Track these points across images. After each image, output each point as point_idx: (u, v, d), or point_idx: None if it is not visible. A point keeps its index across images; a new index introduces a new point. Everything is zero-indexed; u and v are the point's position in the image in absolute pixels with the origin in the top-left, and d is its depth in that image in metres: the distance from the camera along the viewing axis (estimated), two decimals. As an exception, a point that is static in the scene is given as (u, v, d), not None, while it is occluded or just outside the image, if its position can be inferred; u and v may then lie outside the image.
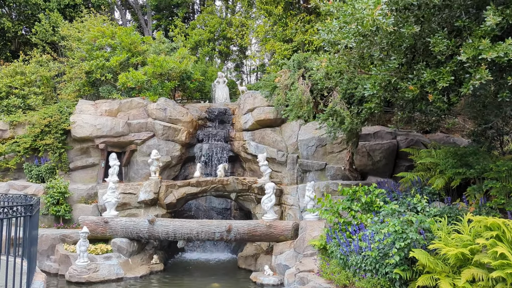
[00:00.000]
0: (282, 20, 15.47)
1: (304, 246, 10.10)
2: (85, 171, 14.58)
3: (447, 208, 8.50)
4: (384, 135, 12.62)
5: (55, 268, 11.47)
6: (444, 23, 6.92)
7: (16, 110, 15.19)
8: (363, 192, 9.15)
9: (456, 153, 9.23)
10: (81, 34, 17.13)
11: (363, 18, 6.29)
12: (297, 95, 10.42)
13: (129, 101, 14.83)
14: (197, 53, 21.58)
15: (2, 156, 14.18)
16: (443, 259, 6.83)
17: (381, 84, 7.23)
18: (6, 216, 5.43)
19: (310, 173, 13.25)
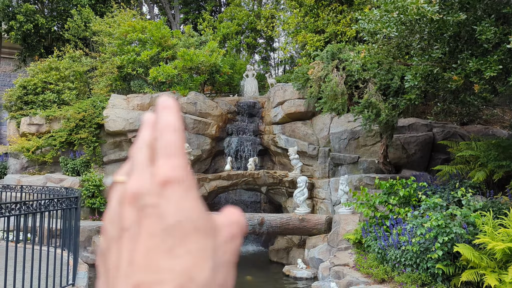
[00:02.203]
0: (313, 10, 15.26)
1: (338, 240, 10.00)
2: (119, 164, 14.83)
3: (489, 202, 8.25)
4: (419, 127, 12.33)
5: (92, 259, 11.74)
6: (491, 10, 6.66)
7: (51, 105, 15.56)
8: (400, 185, 8.98)
9: (499, 145, 8.93)
10: (112, 29, 17.37)
11: (406, 6, 6.11)
12: (331, 87, 10.28)
13: (160, 95, 14.96)
14: (224, 46, 21.58)
15: (39, 150, 14.57)
16: (489, 254, 6.63)
17: (422, 75, 7.03)
18: (54, 208, 5.56)
19: (342, 166, 13.10)
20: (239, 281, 10.20)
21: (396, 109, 9.22)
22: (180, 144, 0.44)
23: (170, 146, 0.43)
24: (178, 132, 0.44)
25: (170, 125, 0.44)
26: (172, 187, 0.41)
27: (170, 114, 0.46)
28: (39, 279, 5.38)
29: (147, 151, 0.44)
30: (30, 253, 5.48)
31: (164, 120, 0.45)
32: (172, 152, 0.43)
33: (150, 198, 0.41)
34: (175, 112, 0.46)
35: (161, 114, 0.46)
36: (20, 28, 18.92)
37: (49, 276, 5.70)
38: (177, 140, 0.44)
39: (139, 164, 0.44)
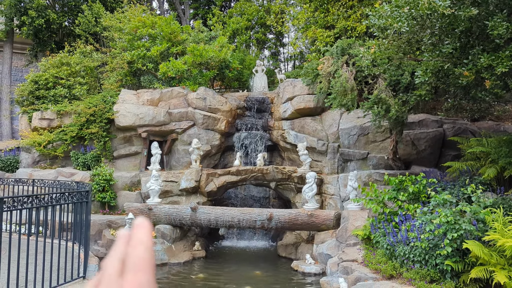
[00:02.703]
0: (323, 6, 15.18)
1: (346, 236, 10.00)
2: (128, 159, 14.96)
3: (500, 198, 8.17)
4: (429, 123, 12.25)
5: (102, 253, 11.88)
6: (503, 4, 6.58)
7: (62, 100, 15.72)
8: (410, 181, 8.93)
9: (510, 141, 8.84)
10: (122, 25, 17.47)
11: (417, 1, 6.06)
12: (341, 82, 10.24)
13: (170, 91, 15.04)
14: (234, 42, 21.58)
15: (50, 144, 14.74)
16: (498, 251, 6.59)
17: (433, 71, 6.97)
18: (65, 202, 5.65)
19: (351, 162, 13.06)
20: (248, 276, 10.26)
21: (406, 105, 9.16)
22: (149, 261, 0.48)
23: (139, 261, 0.48)
24: (149, 249, 0.49)
25: (142, 242, 0.49)
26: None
27: (143, 233, 0.51)
28: (51, 271, 5.48)
29: (118, 264, 0.49)
30: (41, 246, 5.57)
31: (137, 237, 0.50)
32: (140, 268, 0.47)
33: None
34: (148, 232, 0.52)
35: (136, 231, 0.51)
36: (31, 23, 19.10)
37: (61, 268, 5.80)
38: (147, 257, 0.48)
39: (109, 275, 0.48)
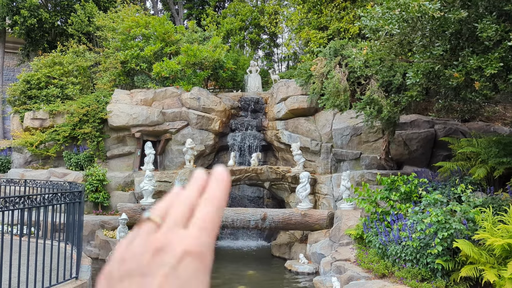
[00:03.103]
0: (316, 7, 15.26)
1: (339, 235, 10.07)
2: (122, 159, 14.94)
3: (489, 198, 8.29)
4: (421, 123, 12.36)
5: (95, 253, 11.86)
6: (492, 7, 6.67)
7: (55, 100, 15.66)
8: (402, 181, 9.02)
9: (500, 142, 8.95)
10: (116, 24, 17.43)
11: (407, 3, 6.13)
12: (334, 83, 10.31)
13: (164, 91, 15.04)
14: (228, 42, 21.61)
15: (43, 144, 14.68)
16: (488, 250, 6.68)
17: (424, 72, 7.06)
18: (58, 202, 5.65)
19: (344, 162, 13.14)
20: (241, 275, 10.30)
21: (398, 105, 9.25)
22: (217, 223, 0.48)
23: (207, 219, 0.47)
24: (220, 210, 0.49)
25: (215, 199, 0.49)
26: (192, 259, 0.45)
27: (220, 189, 0.50)
28: (43, 272, 5.48)
29: (186, 210, 0.48)
30: (34, 247, 5.57)
31: (212, 192, 0.49)
32: (206, 227, 0.47)
33: (171, 259, 0.45)
34: (225, 189, 0.50)
35: (213, 185, 0.50)
36: (24, 22, 18.99)
37: (53, 269, 5.80)
38: (215, 217, 0.48)
39: (174, 218, 0.48)
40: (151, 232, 0.48)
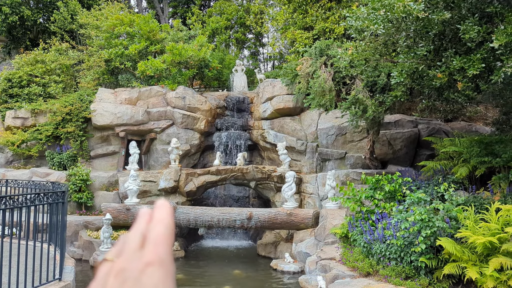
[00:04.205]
0: (302, 7, 15.31)
1: (325, 234, 10.13)
2: (106, 159, 14.77)
3: (471, 197, 8.44)
4: (405, 123, 12.51)
5: (79, 254, 11.70)
6: (475, 9, 6.79)
7: (37, 98, 15.39)
8: (386, 180, 9.12)
9: (482, 141, 9.12)
10: (100, 22, 17.21)
11: (392, 4, 6.20)
12: (319, 83, 10.37)
13: (148, 90, 14.91)
14: (213, 41, 21.54)
15: (25, 143, 14.42)
16: (470, 248, 6.80)
17: (408, 72, 7.14)
18: (40, 202, 5.55)
19: (329, 161, 13.23)
20: (227, 275, 10.28)
21: (382, 105, 9.35)
22: (168, 238, 0.53)
23: (159, 237, 0.52)
24: (168, 228, 0.54)
25: (163, 220, 0.54)
26: (154, 268, 0.49)
27: (164, 212, 0.56)
28: (26, 274, 5.38)
29: (139, 238, 0.53)
30: (16, 248, 5.46)
31: (159, 216, 0.55)
32: (161, 242, 0.52)
33: (134, 273, 0.48)
34: (168, 211, 0.56)
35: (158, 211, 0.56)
36: (5, 20, 18.62)
37: (36, 271, 5.70)
38: (166, 234, 0.53)
39: (130, 248, 0.52)
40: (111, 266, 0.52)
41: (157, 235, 0.52)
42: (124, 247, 0.53)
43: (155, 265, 0.49)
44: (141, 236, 0.53)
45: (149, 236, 0.53)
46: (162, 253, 0.50)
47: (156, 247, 0.51)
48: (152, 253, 0.50)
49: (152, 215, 0.57)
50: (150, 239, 0.52)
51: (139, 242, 0.53)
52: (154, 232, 0.53)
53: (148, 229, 0.54)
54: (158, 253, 0.50)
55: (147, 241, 0.52)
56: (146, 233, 0.54)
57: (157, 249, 0.51)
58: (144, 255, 0.50)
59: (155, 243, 0.51)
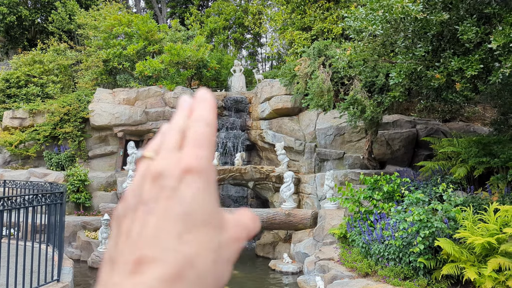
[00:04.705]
0: (300, 7, 15.32)
1: (323, 235, 10.13)
2: (104, 159, 14.74)
3: (470, 197, 8.45)
4: (403, 123, 12.53)
5: (77, 254, 11.68)
6: (473, 10, 6.80)
7: (35, 99, 15.36)
8: (384, 181, 9.12)
9: (480, 142, 9.14)
10: (98, 23, 17.18)
11: (391, 5, 6.20)
12: (317, 83, 10.37)
13: (147, 90, 14.89)
14: (212, 41, 21.52)
15: (22, 144, 14.38)
16: (468, 248, 6.81)
17: (406, 73, 7.15)
18: (38, 203, 5.53)
19: (328, 162, 13.23)
20: (225, 275, 10.27)
21: (381, 106, 9.36)
22: (210, 138, 0.46)
23: (200, 137, 0.45)
24: (211, 127, 0.47)
25: (204, 118, 0.47)
26: (193, 176, 0.43)
27: (207, 108, 0.48)
28: (24, 275, 5.36)
29: (178, 135, 0.46)
30: (14, 249, 5.44)
31: (199, 112, 0.47)
32: (200, 143, 0.45)
33: (171, 181, 0.43)
34: (211, 107, 0.49)
35: (198, 105, 0.48)
36: (3, 20, 18.57)
37: (34, 271, 5.68)
38: (208, 134, 0.46)
39: (168, 146, 0.46)
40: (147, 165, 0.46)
41: (196, 136, 0.45)
42: (162, 143, 0.47)
43: (194, 172, 0.43)
44: (180, 133, 0.47)
45: (188, 136, 0.46)
46: (201, 157, 0.44)
47: (195, 150, 0.44)
48: (191, 157, 0.44)
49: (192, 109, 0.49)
50: (189, 140, 0.45)
51: (177, 140, 0.46)
52: (193, 131, 0.46)
53: (187, 125, 0.47)
54: (197, 157, 0.44)
55: (186, 141, 0.45)
56: (185, 130, 0.47)
57: (196, 153, 0.44)
58: (182, 159, 0.44)
59: (194, 145, 0.45)
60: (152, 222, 0.41)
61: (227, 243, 0.44)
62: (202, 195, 0.43)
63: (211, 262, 0.41)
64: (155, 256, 0.40)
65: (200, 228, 0.42)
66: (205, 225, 0.42)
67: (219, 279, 0.42)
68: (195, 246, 0.41)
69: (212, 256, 0.42)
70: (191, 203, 0.42)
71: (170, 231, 0.41)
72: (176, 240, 0.40)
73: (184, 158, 0.44)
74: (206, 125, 0.46)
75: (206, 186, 0.43)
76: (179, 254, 0.40)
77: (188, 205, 0.42)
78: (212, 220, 0.43)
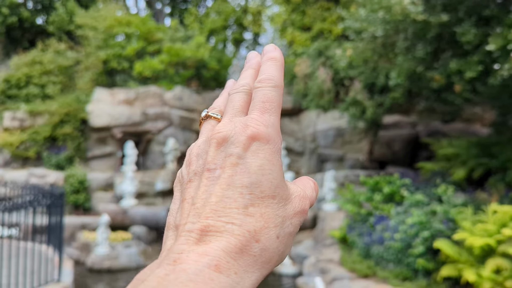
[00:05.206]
0: (300, 8, 15.34)
1: (323, 236, 10.14)
2: (103, 160, 14.74)
3: (469, 198, 8.46)
4: (403, 125, 12.54)
5: (76, 255, 11.65)
6: (472, 12, 6.82)
7: (35, 100, 15.36)
8: (385, 182, 9.13)
9: (479, 143, 9.16)
10: (97, 23, 17.18)
11: (390, 6, 6.22)
12: (318, 84, 10.39)
13: (146, 91, 14.89)
14: (211, 41, 21.52)
15: (23, 145, 14.38)
16: (467, 250, 6.82)
17: (406, 74, 7.17)
18: (39, 204, 5.54)
19: (328, 163, 13.24)
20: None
21: (381, 107, 9.38)
22: (278, 102, 0.44)
23: (268, 101, 0.43)
24: (279, 89, 0.45)
25: (272, 79, 0.44)
26: (260, 143, 0.41)
27: (275, 68, 0.46)
28: (25, 275, 5.37)
29: (244, 97, 0.45)
30: (14, 250, 5.45)
31: (268, 72, 0.45)
32: (268, 108, 0.43)
33: (238, 148, 0.41)
34: (280, 67, 0.46)
35: (266, 64, 0.46)
36: (4, 21, 18.56)
37: (34, 272, 5.69)
38: (276, 97, 0.44)
39: (234, 108, 0.44)
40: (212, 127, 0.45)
41: (263, 99, 0.43)
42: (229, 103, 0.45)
43: (261, 139, 0.41)
44: (247, 95, 0.45)
45: (255, 98, 0.44)
46: (269, 124, 0.42)
47: (262, 115, 0.42)
48: (258, 123, 0.41)
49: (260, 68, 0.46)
50: (256, 103, 0.43)
51: (244, 102, 0.44)
52: (261, 94, 0.43)
53: (255, 86, 0.44)
54: (264, 123, 0.41)
55: (253, 104, 0.43)
56: (253, 91, 0.44)
57: (264, 119, 0.42)
58: (249, 125, 0.41)
59: (262, 109, 0.42)
60: (217, 191, 0.40)
61: (291, 217, 0.42)
62: (268, 165, 0.41)
63: (275, 237, 0.40)
64: (220, 227, 0.39)
65: (265, 201, 0.40)
66: (271, 197, 0.41)
67: (282, 253, 0.41)
68: (260, 220, 0.40)
69: (276, 230, 0.41)
70: (257, 173, 0.40)
71: (235, 202, 0.40)
72: (242, 212, 0.39)
73: (251, 124, 0.42)
74: (274, 87, 0.44)
75: (273, 155, 0.42)
76: (244, 227, 0.39)
77: (255, 175, 0.40)
78: (278, 193, 0.41)
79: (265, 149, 0.41)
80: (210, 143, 0.43)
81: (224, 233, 0.38)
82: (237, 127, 0.42)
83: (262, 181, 0.41)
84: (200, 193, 0.41)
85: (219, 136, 0.42)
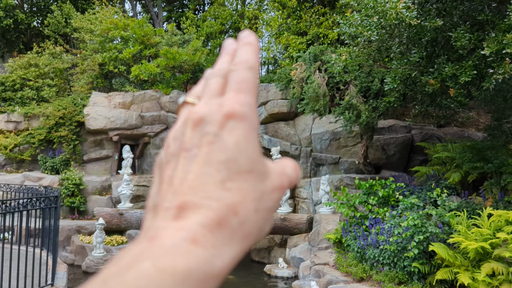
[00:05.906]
0: (296, 12, 15.40)
1: (318, 240, 10.14)
2: (99, 163, 14.70)
3: (464, 202, 8.50)
4: (398, 128, 12.59)
5: (71, 259, 11.61)
6: (466, 16, 6.87)
7: (30, 102, 15.31)
8: (380, 186, 9.16)
9: (474, 147, 9.20)
10: (94, 26, 17.18)
11: (385, 11, 6.26)
12: (313, 88, 10.42)
13: (142, 94, 14.89)
14: (208, 45, 21.56)
15: (17, 147, 14.32)
16: (462, 253, 6.84)
17: (401, 78, 7.21)
18: (33, 207, 5.52)
19: (323, 166, 13.26)
20: (220, 280, 10.24)
21: (376, 111, 9.41)
22: (254, 83, 0.45)
23: (243, 82, 0.44)
24: (254, 71, 0.45)
25: (247, 61, 0.46)
26: (236, 121, 0.42)
27: (250, 52, 0.47)
28: (18, 279, 5.33)
29: (220, 80, 0.45)
30: (8, 253, 5.42)
31: (243, 56, 0.46)
32: (243, 88, 0.43)
33: (213, 127, 0.42)
34: (255, 50, 0.47)
35: (241, 49, 0.47)
36: (-1, 23, 18.54)
37: (28, 276, 5.66)
38: (251, 78, 0.45)
39: (210, 91, 0.45)
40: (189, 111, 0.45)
41: (239, 80, 0.44)
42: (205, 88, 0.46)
43: (237, 117, 0.42)
44: (223, 78, 0.45)
45: (231, 80, 0.45)
46: (244, 103, 0.42)
47: (238, 95, 0.43)
48: (233, 102, 0.42)
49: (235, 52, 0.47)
50: (232, 84, 0.44)
51: (220, 85, 0.45)
52: (236, 76, 0.45)
53: (230, 70, 0.46)
54: (240, 102, 0.42)
55: (228, 86, 0.44)
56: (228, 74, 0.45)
57: (239, 98, 0.43)
58: (225, 104, 0.42)
59: (237, 89, 0.43)
60: (195, 169, 0.41)
61: (270, 192, 0.43)
62: (245, 141, 0.42)
63: (253, 210, 0.41)
64: (197, 202, 0.39)
65: (242, 176, 0.41)
66: (248, 172, 0.41)
67: (262, 228, 0.42)
68: (237, 194, 0.40)
69: (255, 204, 0.41)
70: (233, 149, 0.41)
71: (212, 178, 0.40)
72: (219, 187, 0.40)
73: (226, 103, 0.43)
74: (249, 69, 0.45)
75: (249, 132, 0.42)
76: (221, 201, 0.39)
77: (231, 151, 0.41)
78: (255, 168, 0.42)
79: (241, 127, 0.42)
80: (186, 125, 0.44)
81: (201, 208, 0.39)
82: (212, 108, 0.43)
83: (239, 156, 0.41)
84: (178, 173, 0.42)
85: (195, 117, 0.43)
